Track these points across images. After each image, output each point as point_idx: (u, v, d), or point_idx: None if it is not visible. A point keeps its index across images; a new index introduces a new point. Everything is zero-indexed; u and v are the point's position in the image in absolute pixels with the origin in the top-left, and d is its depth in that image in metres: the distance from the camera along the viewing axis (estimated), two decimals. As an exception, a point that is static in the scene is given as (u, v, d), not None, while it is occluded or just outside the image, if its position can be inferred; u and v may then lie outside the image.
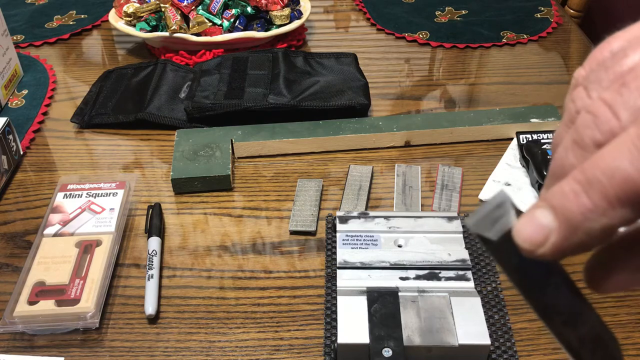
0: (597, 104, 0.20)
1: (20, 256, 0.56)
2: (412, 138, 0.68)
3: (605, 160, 0.18)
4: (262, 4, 0.82)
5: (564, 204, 0.19)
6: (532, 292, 0.22)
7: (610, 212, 0.18)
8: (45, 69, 0.82)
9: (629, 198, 0.18)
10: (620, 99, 0.19)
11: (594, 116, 0.20)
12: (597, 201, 0.18)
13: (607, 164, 0.18)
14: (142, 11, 0.81)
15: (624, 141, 0.18)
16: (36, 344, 0.49)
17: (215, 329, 0.50)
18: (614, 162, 0.18)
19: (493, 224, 0.21)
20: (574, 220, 0.19)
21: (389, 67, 0.83)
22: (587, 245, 0.19)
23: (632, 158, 0.17)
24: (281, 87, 0.71)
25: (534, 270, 0.22)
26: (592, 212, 0.18)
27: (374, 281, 0.49)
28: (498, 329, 0.48)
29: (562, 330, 0.23)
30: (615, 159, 0.18)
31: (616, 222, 0.18)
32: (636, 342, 0.48)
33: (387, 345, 0.43)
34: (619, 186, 0.18)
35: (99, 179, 0.61)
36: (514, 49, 0.86)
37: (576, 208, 0.19)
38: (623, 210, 0.18)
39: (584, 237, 0.19)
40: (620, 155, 0.18)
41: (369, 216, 0.54)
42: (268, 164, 0.66)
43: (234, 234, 0.58)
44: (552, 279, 0.22)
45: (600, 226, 0.18)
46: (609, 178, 0.18)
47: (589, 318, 0.23)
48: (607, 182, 0.18)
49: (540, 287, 0.22)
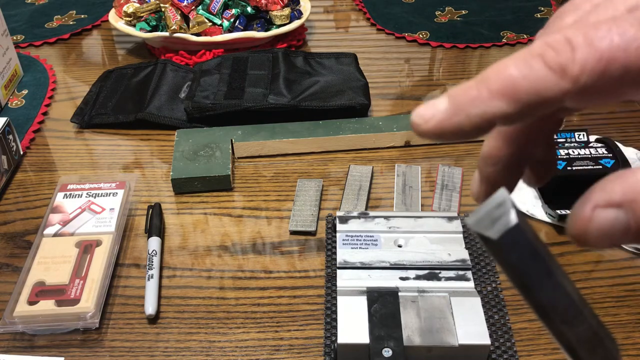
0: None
1: (20, 256, 0.56)
2: (412, 138, 0.68)
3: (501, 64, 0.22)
4: (262, 4, 0.82)
5: (457, 93, 0.22)
6: (531, 291, 0.22)
7: (488, 101, 0.21)
8: (45, 69, 0.82)
9: (507, 92, 0.21)
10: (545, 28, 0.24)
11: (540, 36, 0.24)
12: (481, 91, 0.22)
13: (500, 66, 0.22)
14: (142, 11, 0.81)
15: (523, 51, 0.22)
16: (36, 344, 0.49)
17: (215, 329, 0.50)
18: (504, 64, 0.22)
19: (493, 222, 0.21)
20: (459, 103, 0.22)
21: (389, 67, 0.83)
22: (465, 128, 0.22)
23: (519, 63, 0.21)
24: (281, 87, 0.71)
25: (534, 269, 0.22)
26: (475, 99, 0.22)
27: (374, 281, 0.49)
28: (498, 329, 0.48)
29: (560, 330, 0.23)
30: (507, 62, 0.22)
31: (491, 111, 0.21)
32: (636, 342, 0.48)
33: (387, 345, 0.43)
34: (501, 81, 0.21)
35: (99, 179, 0.61)
36: (514, 49, 0.86)
37: (464, 95, 0.22)
38: (499, 102, 0.21)
39: (464, 119, 0.22)
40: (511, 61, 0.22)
41: (369, 216, 0.54)
42: (268, 164, 0.66)
43: (234, 234, 0.58)
44: (551, 279, 0.22)
45: (478, 111, 0.22)
46: (495, 75, 0.22)
47: (587, 318, 0.24)
48: (494, 78, 0.22)
49: (540, 287, 0.22)
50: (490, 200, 0.21)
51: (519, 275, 0.22)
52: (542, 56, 0.21)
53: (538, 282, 0.22)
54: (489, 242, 0.21)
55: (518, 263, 0.22)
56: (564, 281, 0.23)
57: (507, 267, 0.22)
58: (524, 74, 0.21)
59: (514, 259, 0.22)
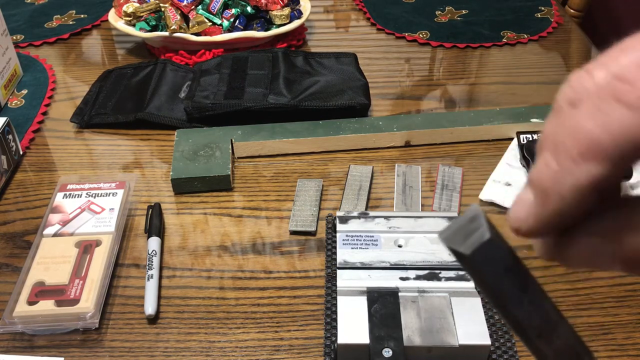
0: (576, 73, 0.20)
1: (20, 256, 0.56)
2: (412, 138, 0.68)
3: (568, 121, 0.18)
4: (262, 3, 0.82)
5: (537, 175, 0.19)
6: (506, 306, 0.22)
7: (575, 171, 0.18)
8: (45, 69, 0.82)
9: (591, 153, 0.18)
10: (597, 64, 0.19)
11: (570, 80, 0.20)
12: (563, 162, 0.18)
13: (570, 124, 0.18)
14: (142, 11, 0.81)
15: (586, 100, 0.18)
16: (36, 344, 0.49)
17: (215, 329, 0.50)
18: (576, 121, 0.18)
19: (465, 238, 0.21)
20: (545, 187, 0.19)
21: (389, 67, 0.82)
22: (564, 211, 0.19)
23: (591, 113, 0.18)
24: (281, 87, 0.71)
25: (508, 284, 0.22)
26: (559, 174, 0.19)
27: (374, 281, 0.49)
28: (498, 329, 0.48)
29: (537, 344, 0.23)
30: (577, 117, 0.18)
31: (583, 180, 0.18)
32: (636, 342, 0.48)
33: (387, 346, 0.43)
34: (580, 143, 0.18)
35: (99, 179, 0.61)
36: (514, 48, 0.86)
37: (546, 174, 0.19)
38: (588, 166, 0.18)
39: (559, 202, 0.19)
40: (580, 114, 0.18)
41: (369, 216, 0.54)
42: (268, 164, 0.66)
43: (234, 234, 0.58)
44: (526, 294, 0.22)
45: (569, 187, 0.19)
46: (571, 137, 0.18)
47: (564, 332, 0.23)
48: (570, 142, 0.18)
49: (515, 301, 0.22)
50: (463, 215, 0.21)
51: (493, 290, 0.22)
52: (615, 96, 0.18)
53: (513, 297, 0.22)
54: (462, 257, 0.21)
55: (491, 278, 0.21)
56: (540, 296, 0.22)
57: (480, 283, 0.22)
58: (603, 124, 0.18)
59: (488, 275, 0.21)
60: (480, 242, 0.20)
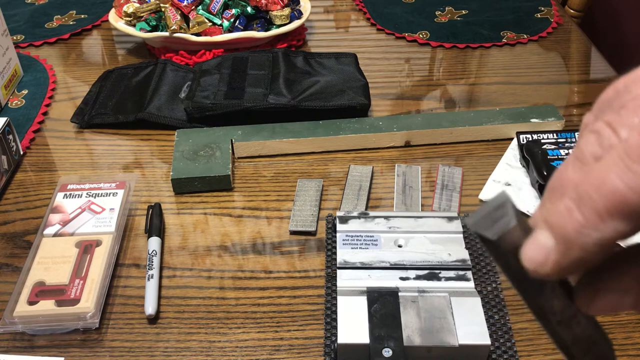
0: (599, 124, 0.20)
1: (20, 256, 0.56)
2: (412, 138, 0.68)
3: (595, 175, 0.19)
4: (262, 4, 0.82)
5: (560, 222, 0.20)
6: (530, 292, 0.23)
7: (601, 226, 0.19)
8: (45, 69, 0.82)
9: (618, 210, 0.18)
10: (619, 118, 0.20)
11: (595, 134, 0.20)
12: (589, 216, 0.19)
13: (597, 179, 0.19)
14: (142, 11, 0.81)
15: (613, 156, 0.19)
16: (36, 344, 0.49)
17: (215, 329, 0.50)
18: (603, 177, 0.19)
19: (493, 224, 0.21)
20: (568, 237, 0.20)
21: (389, 67, 0.83)
22: (586, 260, 0.20)
23: (619, 172, 0.18)
24: (281, 87, 0.71)
25: None
26: (585, 227, 0.19)
27: (374, 281, 0.49)
28: (498, 329, 0.48)
29: (557, 330, 0.23)
30: (604, 173, 0.19)
31: (608, 236, 0.19)
32: (636, 342, 0.48)
33: (387, 346, 0.43)
34: (607, 199, 0.18)
35: (99, 179, 0.61)
36: (514, 49, 0.86)
37: (570, 225, 0.19)
38: (614, 223, 0.19)
39: (581, 253, 0.20)
40: (608, 170, 0.18)
41: (369, 216, 0.54)
42: (268, 164, 0.66)
43: (234, 234, 0.58)
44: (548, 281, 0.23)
45: (594, 241, 0.19)
46: (598, 192, 0.19)
47: (583, 319, 0.24)
48: (597, 197, 0.19)
49: (538, 288, 0.23)
50: (490, 201, 0.21)
51: (518, 276, 0.22)
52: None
53: (536, 283, 0.22)
54: (489, 243, 0.21)
55: (517, 264, 0.22)
56: (562, 283, 0.23)
57: (505, 268, 0.22)
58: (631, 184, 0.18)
59: (513, 261, 0.22)
60: (507, 229, 0.21)
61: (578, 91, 0.78)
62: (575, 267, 0.20)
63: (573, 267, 0.20)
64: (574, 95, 0.77)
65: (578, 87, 0.78)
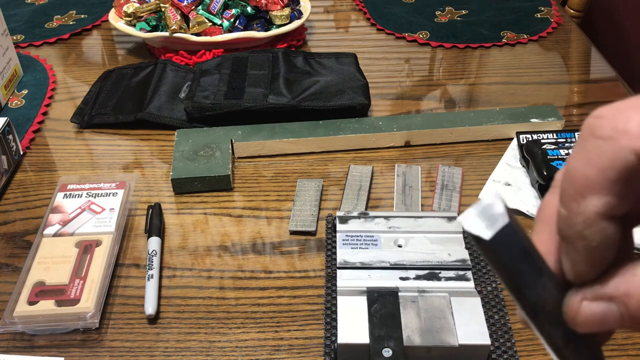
0: None
1: (20, 256, 0.56)
2: (412, 138, 0.68)
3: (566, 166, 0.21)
4: (262, 4, 0.82)
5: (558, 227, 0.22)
6: (521, 290, 0.23)
7: (579, 209, 0.20)
8: (45, 69, 0.82)
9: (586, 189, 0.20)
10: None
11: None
12: (568, 205, 0.20)
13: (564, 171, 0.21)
14: (142, 11, 0.81)
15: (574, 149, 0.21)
16: (36, 344, 0.49)
17: (215, 329, 0.50)
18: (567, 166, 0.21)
19: (485, 223, 0.21)
20: (565, 234, 0.21)
21: (389, 67, 0.83)
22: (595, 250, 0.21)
23: (577, 155, 0.20)
24: (281, 87, 0.71)
25: (524, 270, 0.22)
26: (570, 217, 0.21)
27: (374, 281, 0.49)
28: (498, 329, 0.48)
29: (547, 329, 0.24)
30: (568, 162, 0.21)
31: (590, 214, 0.20)
32: (636, 342, 0.48)
33: (387, 346, 0.43)
34: (575, 183, 0.20)
35: (99, 179, 0.61)
36: (514, 49, 0.86)
37: (561, 223, 0.21)
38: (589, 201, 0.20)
39: (584, 242, 0.21)
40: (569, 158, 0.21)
41: (369, 216, 0.54)
42: (268, 164, 0.66)
43: (234, 234, 0.58)
44: (541, 279, 0.23)
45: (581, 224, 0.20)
46: (567, 182, 0.20)
47: None
48: (568, 186, 0.20)
49: (529, 287, 0.23)
50: (482, 201, 0.22)
51: (509, 275, 0.22)
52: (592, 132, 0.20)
53: (527, 282, 0.23)
54: (481, 242, 0.22)
55: (509, 262, 0.22)
56: (553, 282, 0.23)
57: (498, 267, 0.22)
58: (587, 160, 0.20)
59: (505, 259, 0.22)
60: (499, 228, 0.21)
61: (578, 91, 0.78)
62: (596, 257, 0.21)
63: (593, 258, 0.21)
64: (574, 95, 0.77)
65: (578, 87, 0.78)
